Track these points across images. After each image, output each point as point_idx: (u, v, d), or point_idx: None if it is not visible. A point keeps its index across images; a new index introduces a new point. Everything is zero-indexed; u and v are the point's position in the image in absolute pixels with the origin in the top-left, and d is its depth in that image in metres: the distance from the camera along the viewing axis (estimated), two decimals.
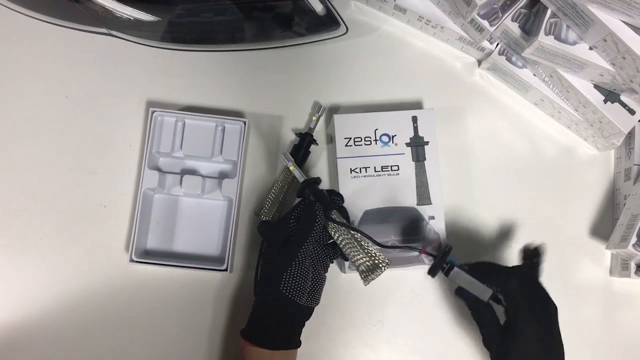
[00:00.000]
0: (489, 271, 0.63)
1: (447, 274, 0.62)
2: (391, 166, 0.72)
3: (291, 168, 0.67)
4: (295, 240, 0.61)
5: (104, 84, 0.78)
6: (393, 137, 0.73)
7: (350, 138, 0.73)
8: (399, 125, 0.73)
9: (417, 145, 0.73)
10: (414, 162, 0.73)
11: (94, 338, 0.71)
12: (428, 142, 0.73)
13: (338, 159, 0.72)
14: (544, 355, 0.59)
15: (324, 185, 0.76)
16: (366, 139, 0.73)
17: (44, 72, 0.78)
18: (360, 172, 0.72)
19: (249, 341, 0.59)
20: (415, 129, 0.73)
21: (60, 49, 0.78)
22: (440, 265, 0.62)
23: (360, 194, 0.71)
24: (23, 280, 0.72)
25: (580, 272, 0.76)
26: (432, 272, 0.63)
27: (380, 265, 0.60)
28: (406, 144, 0.73)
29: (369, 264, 0.60)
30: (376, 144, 0.73)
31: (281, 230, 0.62)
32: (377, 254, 0.61)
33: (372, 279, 0.60)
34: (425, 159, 0.73)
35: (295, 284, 0.59)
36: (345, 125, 0.73)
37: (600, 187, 0.79)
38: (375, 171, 0.72)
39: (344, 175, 0.72)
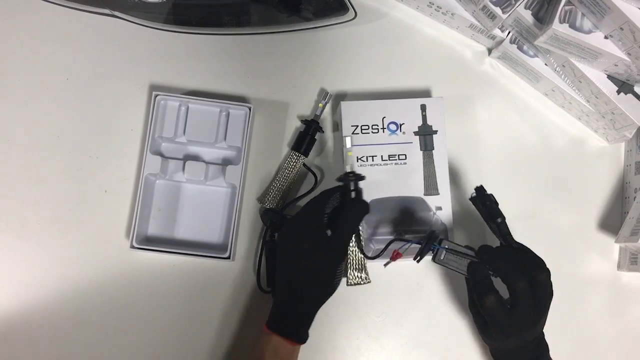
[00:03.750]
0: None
1: (434, 259, 0.63)
2: (398, 155, 0.71)
3: (349, 154, 0.64)
4: (342, 235, 0.60)
5: (106, 66, 0.76)
6: (401, 125, 0.72)
7: (357, 126, 0.71)
8: (407, 113, 0.72)
9: (426, 134, 0.72)
10: (421, 152, 0.71)
11: (94, 325, 0.70)
12: (437, 131, 0.72)
13: (345, 147, 0.71)
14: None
15: (329, 171, 0.75)
16: (373, 127, 0.71)
17: (45, 53, 0.76)
18: (367, 160, 0.71)
19: (285, 336, 0.59)
20: (424, 117, 0.72)
21: (61, 30, 0.76)
22: (426, 251, 0.63)
23: (367, 183, 0.70)
24: (21, 266, 0.71)
25: (587, 265, 0.75)
26: (417, 258, 0.63)
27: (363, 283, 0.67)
28: (414, 132, 0.72)
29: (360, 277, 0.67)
30: (383, 132, 0.71)
31: (317, 221, 0.60)
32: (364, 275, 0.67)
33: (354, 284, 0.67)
34: (433, 149, 0.71)
35: (340, 277, 0.62)
36: (352, 113, 0.72)
37: (610, 180, 0.78)
38: (382, 160, 0.71)
39: (350, 164, 0.70)
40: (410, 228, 0.69)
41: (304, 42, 0.78)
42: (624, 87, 0.70)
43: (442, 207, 0.70)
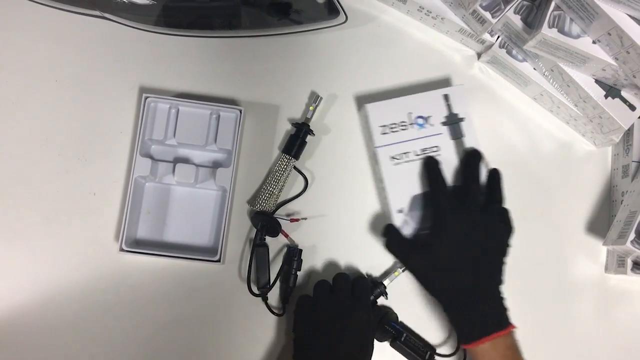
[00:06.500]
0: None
1: (395, 341, 0.69)
2: (431, 147, 0.71)
3: None
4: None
5: (96, 68, 0.75)
6: (428, 118, 0.72)
7: (386, 125, 0.71)
8: (432, 105, 0.72)
9: (453, 122, 0.72)
10: (452, 141, 0.71)
11: (82, 328, 0.69)
12: (463, 118, 0.72)
13: (377, 149, 0.70)
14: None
15: (319, 175, 0.75)
16: (402, 123, 0.71)
17: (33, 55, 0.75)
18: (401, 157, 0.70)
19: None
20: (449, 106, 0.72)
21: (51, 31, 0.76)
22: (384, 332, 0.70)
23: (405, 180, 0.70)
24: (8, 269, 0.70)
25: (575, 268, 0.76)
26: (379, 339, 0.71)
27: None
28: (442, 123, 0.72)
29: None
30: (412, 127, 0.71)
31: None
32: None
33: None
34: (463, 136, 0.71)
35: None
36: (378, 113, 0.72)
37: (597, 183, 0.78)
38: (415, 155, 0.70)
39: (385, 164, 0.70)
40: None
41: (295, 45, 0.78)
42: (611, 91, 0.71)
43: None
